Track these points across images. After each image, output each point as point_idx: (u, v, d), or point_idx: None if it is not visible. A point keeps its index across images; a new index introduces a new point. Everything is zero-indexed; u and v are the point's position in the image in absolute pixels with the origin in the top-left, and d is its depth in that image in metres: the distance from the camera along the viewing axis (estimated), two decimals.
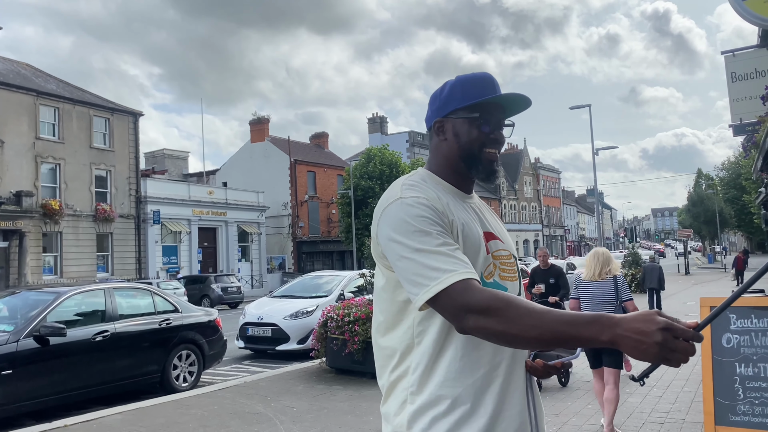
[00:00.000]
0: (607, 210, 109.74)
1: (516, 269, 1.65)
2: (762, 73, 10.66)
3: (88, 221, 28.14)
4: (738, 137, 13.40)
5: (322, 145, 49.66)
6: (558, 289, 8.31)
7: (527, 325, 1.26)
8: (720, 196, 55.50)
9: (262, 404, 6.86)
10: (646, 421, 5.69)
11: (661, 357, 1.15)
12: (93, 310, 7.69)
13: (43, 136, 26.76)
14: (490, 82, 1.59)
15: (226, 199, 35.54)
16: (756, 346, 4.46)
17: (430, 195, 1.49)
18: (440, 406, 1.41)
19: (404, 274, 1.40)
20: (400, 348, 1.49)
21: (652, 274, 16.28)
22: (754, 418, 4.35)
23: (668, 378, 7.52)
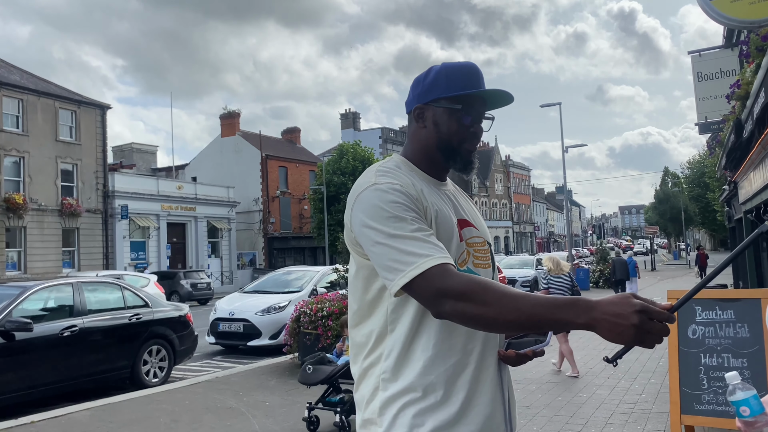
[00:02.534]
0: (575, 207, 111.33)
1: (490, 256, 1.65)
2: (727, 72, 10.94)
3: (53, 216, 27.52)
4: (703, 136, 13.74)
5: (294, 140, 49.35)
6: None
7: (505, 309, 1.26)
8: (685, 194, 56.73)
9: (234, 399, 6.82)
10: (615, 412, 5.82)
11: (637, 339, 1.17)
12: (61, 305, 7.54)
13: (6, 128, 26.05)
14: (476, 75, 1.58)
15: (196, 194, 35.08)
16: (720, 337, 4.59)
17: (404, 181, 1.48)
18: (412, 393, 1.41)
19: (379, 260, 1.39)
20: (373, 335, 1.48)
21: (620, 267, 19.00)
22: (718, 407, 4.48)
23: (636, 370, 7.69)
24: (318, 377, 5.50)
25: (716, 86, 10.98)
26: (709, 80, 11.20)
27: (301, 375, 5.61)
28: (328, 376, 5.47)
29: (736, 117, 8.12)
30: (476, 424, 1.43)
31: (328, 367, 5.57)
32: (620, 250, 25.69)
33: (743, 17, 6.84)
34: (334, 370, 5.49)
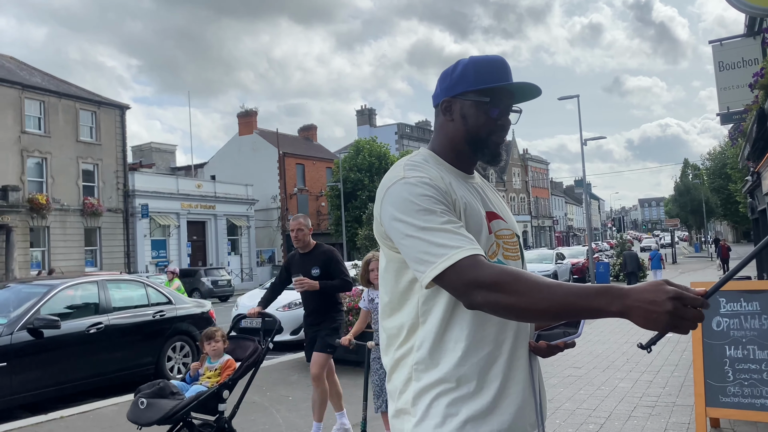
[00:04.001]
0: (594, 201, 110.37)
1: (519, 248, 1.66)
2: (749, 61, 10.77)
3: (75, 215, 27.94)
4: (724, 127, 13.55)
5: (311, 137, 49.51)
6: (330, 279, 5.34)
7: (537, 298, 1.27)
8: (706, 185, 55.99)
9: (257, 394, 6.88)
10: (638, 405, 5.79)
11: (671, 325, 1.17)
12: (87, 303, 7.67)
13: (28, 129, 26.49)
14: (503, 68, 1.59)
15: (215, 193, 35.38)
16: (745, 329, 4.55)
17: (433, 174, 1.49)
18: (446, 383, 1.43)
19: (410, 253, 1.40)
20: (405, 327, 1.50)
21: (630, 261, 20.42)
22: (744, 399, 4.45)
23: (658, 363, 7.64)
24: (153, 415, 3.92)
25: (738, 75, 10.82)
26: (730, 69, 11.04)
27: (131, 411, 4.04)
28: (169, 414, 3.93)
29: (760, 106, 8.01)
30: (509, 414, 1.44)
31: (169, 401, 4.02)
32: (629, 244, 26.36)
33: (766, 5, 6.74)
34: (176, 406, 3.97)
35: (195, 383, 4.40)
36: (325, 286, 5.12)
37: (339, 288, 5.20)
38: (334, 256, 5.31)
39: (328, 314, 5.21)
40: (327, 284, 5.14)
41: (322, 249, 5.32)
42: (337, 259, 5.28)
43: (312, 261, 5.22)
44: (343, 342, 4.87)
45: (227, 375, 4.41)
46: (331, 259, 5.23)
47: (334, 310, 5.26)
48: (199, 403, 4.12)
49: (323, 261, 5.21)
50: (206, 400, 4.18)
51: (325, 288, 5.12)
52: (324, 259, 5.22)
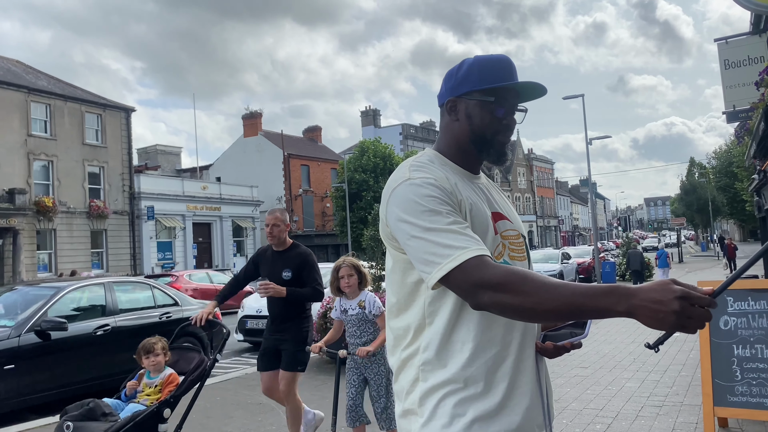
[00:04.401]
0: (600, 200, 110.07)
1: (525, 249, 1.66)
2: (755, 59, 10.72)
3: (81, 218, 28.05)
4: (730, 125, 13.51)
5: (316, 138, 49.58)
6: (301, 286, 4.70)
7: (544, 298, 1.26)
8: (712, 184, 55.76)
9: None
10: (645, 405, 5.77)
11: (679, 325, 1.16)
12: (93, 305, 7.70)
13: (35, 133, 26.61)
14: (508, 67, 1.58)
15: (220, 194, 35.47)
16: (753, 328, 4.53)
17: (438, 175, 1.49)
18: (453, 384, 1.43)
19: (416, 254, 1.40)
20: (412, 328, 1.50)
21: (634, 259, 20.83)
22: (752, 399, 4.43)
23: (665, 362, 7.61)
24: None
25: (744, 73, 10.78)
26: (736, 67, 10.99)
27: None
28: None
29: (766, 104, 7.98)
30: (517, 415, 1.44)
31: (100, 424, 3.62)
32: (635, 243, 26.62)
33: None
34: (109, 429, 3.55)
35: (132, 401, 3.97)
36: (293, 294, 4.59)
37: (308, 297, 4.69)
38: (310, 260, 4.79)
39: (294, 322, 4.71)
40: (295, 292, 4.60)
41: (298, 250, 4.81)
42: (312, 263, 4.77)
43: (285, 262, 4.71)
44: (314, 349, 4.51)
45: (169, 391, 3.96)
46: (305, 263, 4.72)
47: (301, 318, 4.75)
48: (136, 425, 3.64)
49: (297, 264, 4.70)
50: (144, 421, 3.71)
51: (293, 296, 4.60)
52: (298, 261, 4.71)
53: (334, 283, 4.38)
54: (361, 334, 4.37)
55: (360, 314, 4.34)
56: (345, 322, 4.46)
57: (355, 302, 4.37)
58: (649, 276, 22.47)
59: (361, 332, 4.37)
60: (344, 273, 4.36)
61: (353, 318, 4.36)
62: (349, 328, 4.42)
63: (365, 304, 4.34)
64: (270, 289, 4.53)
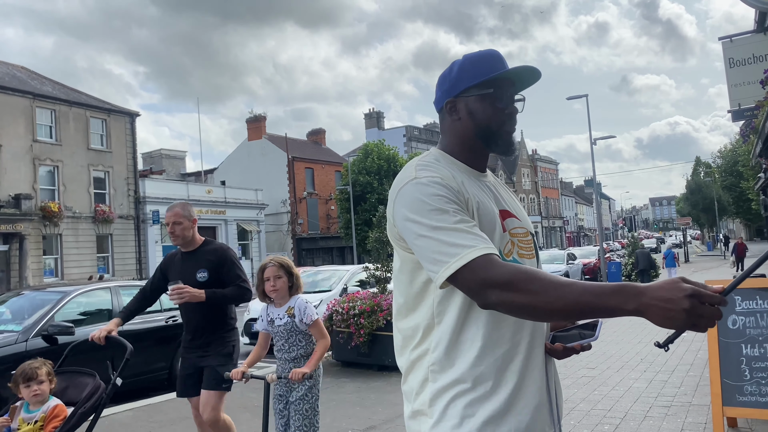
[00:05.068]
0: (605, 200, 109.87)
1: (534, 246, 1.65)
2: (760, 57, 10.69)
3: (87, 223, 28.15)
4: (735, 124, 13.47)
5: (319, 141, 49.66)
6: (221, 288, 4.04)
7: (552, 297, 1.26)
8: (718, 183, 55.61)
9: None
10: (653, 405, 5.74)
11: (689, 323, 1.15)
12: (100, 309, 7.72)
13: (40, 138, 26.74)
14: (499, 58, 1.58)
15: (225, 198, 35.55)
16: (761, 327, 4.51)
17: (445, 174, 1.48)
18: (462, 384, 1.43)
19: (423, 253, 1.40)
20: (420, 328, 1.50)
21: (642, 259, 21.05)
22: (762, 398, 4.40)
23: (673, 362, 7.57)
24: None
25: (749, 72, 10.75)
26: (741, 66, 10.96)
27: None
28: None
29: None
30: (525, 414, 1.44)
31: None
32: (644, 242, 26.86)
33: None
34: None
35: None
36: (213, 296, 3.85)
37: (233, 298, 3.95)
38: (228, 255, 4.05)
39: (217, 334, 3.98)
40: (217, 294, 3.87)
41: (212, 246, 4.10)
42: (231, 259, 4.04)
43: (197, 262, 3.98)
44: (234, 376, 3.53)
45: (54, 427, 3.21)
46: (223, 260, 3.99)
47: (224, 329, 4.01)
48: None
49: (213, 262, 3.96)
50: None
51: (214, 299, 3.86)
52: (214, 259, 3.97)
53: (260, 287, 3.63)
54: (290, 348, 3.58)
55: (289, 324, 3.55)
56: (272, 335, 3.68)
57: (283, 310, 3.60)
58: (655, 276, 22.41)
59: (290, 346, 3.58)
60: (270, 274, 3.57)
61: (281, 329, 3.59)
62: (277, 341, 3.64)
63: (294, 311, 3.56)
64: (185, 293, 3.76)
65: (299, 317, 3.55)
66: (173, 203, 4.21)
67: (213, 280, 3.94)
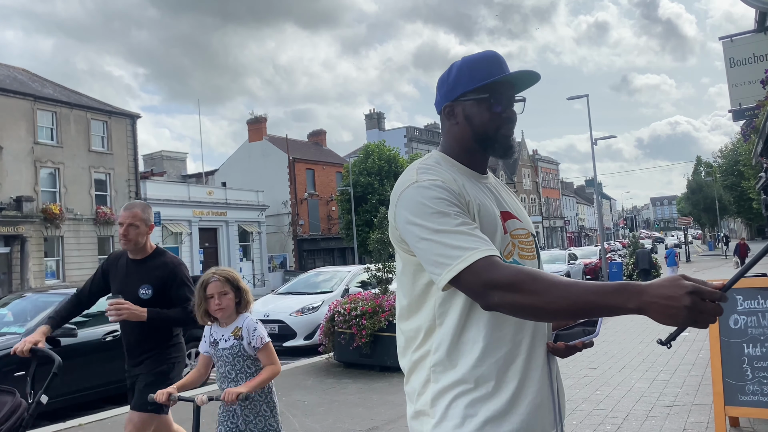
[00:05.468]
0: (606, 200, 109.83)
1: (535, 247, 1.66)
2: (760, 57, 10.70)
3: (88, 225, 28.17)
4: (736, 123, 13.47)
5: (320, 142, 49.67)
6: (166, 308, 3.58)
7: (554, 297, 1.27)
8: (719, 183, 55.59)
9: None
10: (655, 405, 5.74)
11: (690, 320, 1.16)
12: (102, 311, 7.72)
13: (41, 140, 26.77)
14: (497, 61, 1.58)
15: (226, 199, 35.57)
16: (763, 327, 4.51)
17: (446, 177, 1.49)
18: (464, 384, 1.44)
19: (425, 256, 1.41)
20: (422, 329, 1.51)
21: (643, 258, 21.49)
22: (764, 398, 4.40)
23: (675, 362, 7.58)
24: None
25: (750, 71, 10.76)
26: (741, 65, 10.97)
27: None
28: None
29: None
30: (527, 414, 1.45)
31: None
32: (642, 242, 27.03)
33: None
34: None
35: None
36: (156, 317, 3.41)
37: (177, 321, 3.51)
38: (179, 272, 3.58)
39: (154, 351, 3.53)
40: (160, 315, 3.43)
41: (163, 259, 3.59)
42: (182, 277, 3.57)
43: (144, 275, 3.52)
44: (159, 398, 3.00)
45: None
46: (173, 277, 3.53)
47: (164, 344, 3.55)
48: None
49: (161, 279, 3.50)
50: None
51: (156, 320, 3.42)
52: (162, 275, 3.50)
53: (201, 306, 3.10)
54: (237, 374, 3.09)
55: (235, 346, 3.07)
56: (214, 359, 3.17)
57: (228, 330, 3.12)
58: (656, 275, 22.46)
59: (236, 372, 3.09)
60: (215, 290, 3.06)
61: (225, 353, 3.09)
62: (220, 367, 3.13)
63: (242, 332, 3.09)
64: (123, 311, 3.33)
65: (247, 339, 3.08)
66: (132, 202, 3.72)
67: (157, 298, 3.47)
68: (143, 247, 3.59)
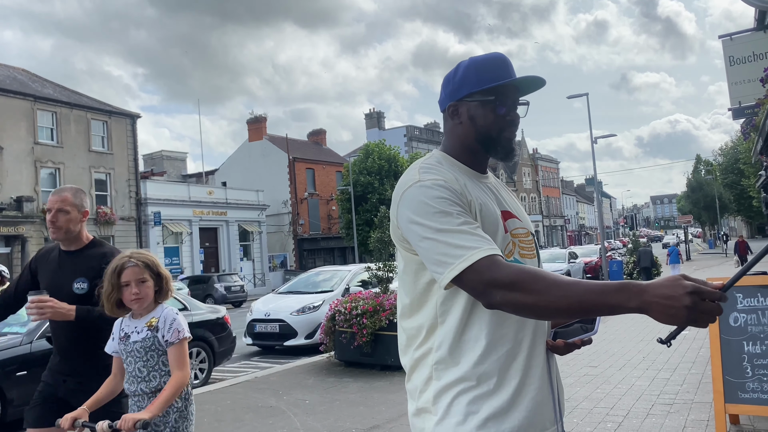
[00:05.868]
0: (606, 199, 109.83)
1: (535, 246, 1.67)
2: (760, 55, 10.71)
3: (89, 225, 28.16)
4: (736, 122, 13.48)
5: (320, 142, 49.68)
6: None
7: (556, 296, 1.28)
8: (719, 181, 55.61)
9: (274, 398, 6.92)
10: (656, 403, 5.76)
11: (690, 319, 1.17)
12: None
13: (41, 140, 26.79)
14: (504, 64, 1.59)
15: (226, 199, 35.57)
16: (763, 324, 4.52)
17: (448, 176, 1.50)
18: (466, 382, 1.45)
19: (428, 255, 1.42)
20: (424, 327, 1.52)
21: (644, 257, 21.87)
22: (763, 395, 4.42)
23: (675, 360, 7.59)
24: None
25: (749, 70, 10.77)
26: (741, 64, 10.98)
27: None
28: None
29: None
30: (528, 411, 1.46)
31: None
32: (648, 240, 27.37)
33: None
34: None
35: None
36: (87, 315, 2.83)
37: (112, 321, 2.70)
38: None
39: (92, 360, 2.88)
40: (92, 313, 2.84)
41: (101, 250, 3.06)
42: None
43: (79, 267, 2.99)
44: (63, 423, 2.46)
45: None
46: None
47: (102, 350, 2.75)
48: None
49: (97, 270, 2.84)
50: None
51: (87, 319, 2.84)
52: (101, 267, 2.77)
53: (113, 296, 2.57)
54: (149, 373, 2.56)
55: (148, 339, 2.57)
56: (123, 356, 2.61)
57: (143, 322, 2.62)
58: (657, 273, 22.47)
59: (148, 370, 2.56)
60: (131, 277, 2.57)
61: (136, 347, 2.57)
62: (129, 364, 2.58)
63: (159, 322, 2.60)
64: (46, 308, 2.77)
65: (162, 332, 2.57)
66: (63, 186, 3.21)
67: (93, 293, 2.84)
68: (77, 236, 3.06)
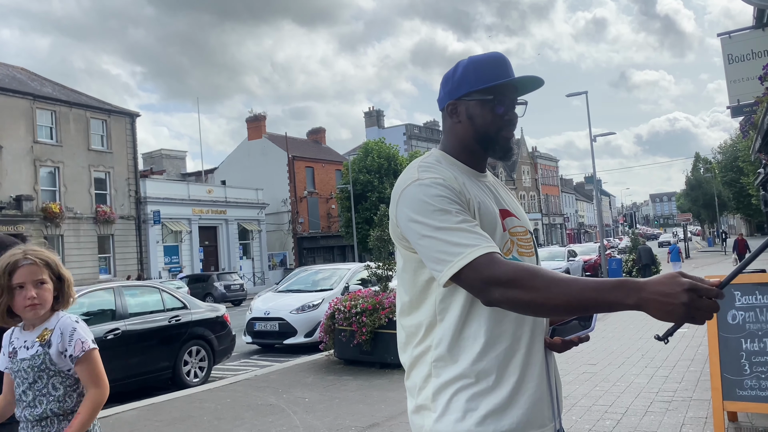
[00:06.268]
0: (605, 197, 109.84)
1: (533, 244, 1.68)
2: (759, 53, 10.72)
3: (88, 223, 28.18)
4: (734, 120, 13.49)
5: (320, 140, 49.66)
6: None
7: (554, 293, 1.29)
8: (718, 179, 55.63)
9: (274, 396, 6.94)
10: (654, 400, 5.77)
11: (687, 316, 1.19)
12: (103, 309, 7.77)
13: (41, 139, 26.77)
14: (503, 64, 1.60)
15: (226, 198, 35.57)
16: (761, 322, 4.53)
17: (446, 175, 1.51)
18: (466, 379, 1.46)
19: (427, 253, 1.43)
20: (423, 325, 1.53)
21: (645, 254, 22.12)
22: (762, 392, 4.43)
23: (674, 358, 7.61)
24: None
25: (748, 68, 10.78)
26: (740, 62, 10.99)
27: None
28: None
29: None
30: (527, 408, 1.47)
31: None
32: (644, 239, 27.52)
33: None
34: None
35: None
36: None
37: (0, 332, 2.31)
38: None
39: None
40: None
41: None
42: None
43: None
44: None
45: None
46: None
47: None
48: None
49: None
50: None
51: None
52: None
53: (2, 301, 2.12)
54: (35, 398, 2.12)
55: (37, 356, 2.12)
56: (12, 375, 2.20)
57: (34, 335, 2.16)
58: (656, 271, 22.52)
59: (34, 394, 2.12)
60: (27, 278, 2.10)
61: (24, 366, 2.13)
62: (17, 386, 2.16)
63: (52, 336, 2.15)
64: None
65: (57, 347, 2.13)
66: None
67: None
68: None
